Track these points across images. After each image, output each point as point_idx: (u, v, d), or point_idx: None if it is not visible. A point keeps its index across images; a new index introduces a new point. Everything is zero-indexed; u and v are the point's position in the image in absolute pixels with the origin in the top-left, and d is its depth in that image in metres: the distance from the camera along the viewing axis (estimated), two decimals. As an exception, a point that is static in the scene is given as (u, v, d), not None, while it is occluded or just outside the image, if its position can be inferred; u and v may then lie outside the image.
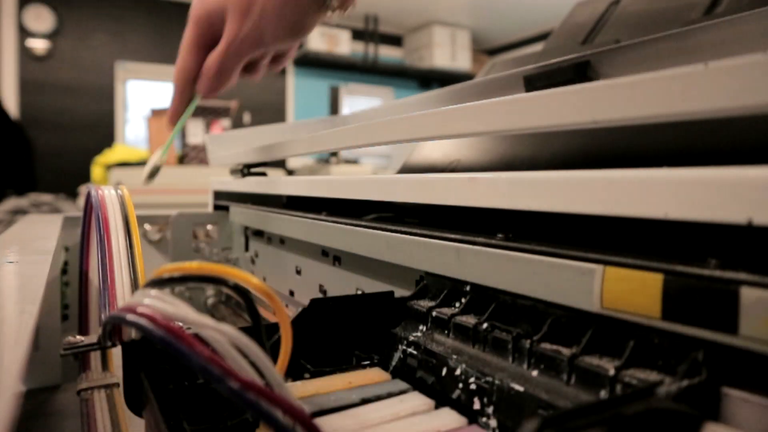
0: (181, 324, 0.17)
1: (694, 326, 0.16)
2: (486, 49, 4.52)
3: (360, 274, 0.38)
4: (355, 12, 0.46)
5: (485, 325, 0.24)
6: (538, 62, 0.31)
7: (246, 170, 0.59)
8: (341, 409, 0.23)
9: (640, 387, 0.17)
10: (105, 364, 0.31)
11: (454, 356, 0.25)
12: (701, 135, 0.27)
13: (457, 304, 0.27)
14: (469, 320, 0.25)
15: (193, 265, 0.20)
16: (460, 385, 0.24)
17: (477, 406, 0.23)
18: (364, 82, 4.19)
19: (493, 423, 0.22)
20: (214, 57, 0.42)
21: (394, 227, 0.32)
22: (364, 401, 0.23)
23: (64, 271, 0.50)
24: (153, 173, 0.50)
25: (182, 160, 2.23)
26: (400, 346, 0.28)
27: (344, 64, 3.88)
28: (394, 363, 0.28)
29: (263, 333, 0.20)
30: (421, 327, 0.28)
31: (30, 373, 0.45)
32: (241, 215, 0.59)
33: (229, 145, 0.65)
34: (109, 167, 2.26)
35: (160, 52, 3.51)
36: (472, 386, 0.23)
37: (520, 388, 0.21)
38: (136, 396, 0.25)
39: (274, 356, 0.19)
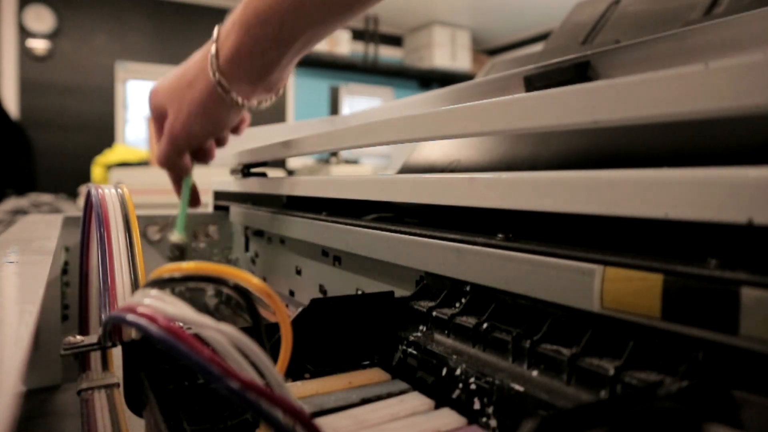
0: (181, 324, 0.17)
1: (694, 326, 0.16)
2: (486, 49, 4.52)
3: (360, 274, 0.38)
4: None
5: (485, 326, 0.24)
6: (538, 62, 0.31)
7: (246, 170, 0.59)
8: (341, 409, 0.23)
9: (640, 387, 0.17)
10: (105, 364, 0.31)
11: (454, 356, 0.25)
12: (701, 135, 0.27)
13: (458, 304, 0.27)
14: (469, 320, 0.25)
15: (193, 265, 0.20)
16: (460, 385, 0.24)
17: (477, 406, 0.23)
18: (364, 82, 4.19)
19: (493, 423, 0.22)
20: (158, 152, 0.50)
21: (394, 227, 0.32)
22: (364, 401, 0.23)
23: (64, 271, 0.50)
24: (180, 253, 0.52)
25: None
26: (400, 346, 0.28)
27: (344, 64, 3.88)
28: (394, 363, 0.28)
29: (263, 333, 0.20)
30: (421, 327, 0.28)
31: (30, 373, 0.45)
32: (241, 215, 0.59)
33: (229, 145, 0.65)
34: (109, 167, 2.27)
35: (160, 52, 3.51)
36: (472, 386, 0.23)
37: (520, 389, 0.21)
38: (137, 396, 0.25)
39: (274, 356, 0.19)
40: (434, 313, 0.27)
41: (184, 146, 0.49)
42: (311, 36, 0.43)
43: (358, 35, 3.96)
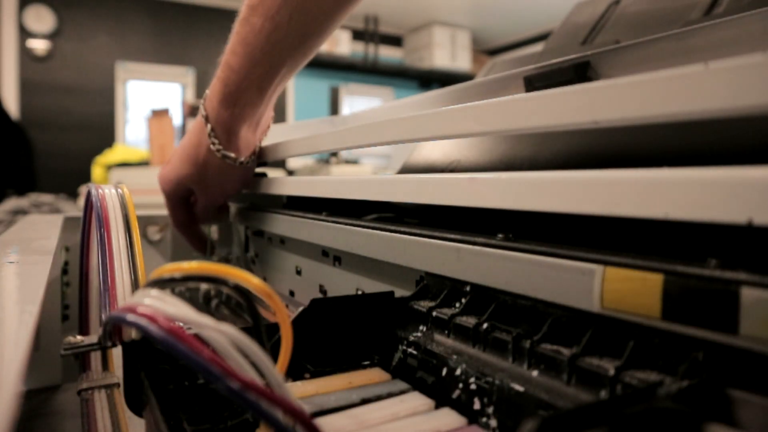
0: (181, 324, 0.17)
1: (694, 326, 0.16)
2: (486, 49, 4.52)
3: (360, 274, 0.38)
4: (355, 12, 0.50)
5: (485, 326, 0.24)
6: (538, 62, 0.31)
7: (246, 170, 0.59)
8: (341, 409, 0.23)
9: (640, 387, 0.17)
10: (105, 364, 0.31)
11: (454, 356, 0.25)
12: (701, 135, 0.27)
13: (458, 305, 0.27)
14: (469, 320, 0.25)
15: (194, 265, 0.20)
16: (460, 385, 0.24)
17: (477, 406, 0.23)
18: (364, 83, 4.20)
19: (493, 423, 0.22)
20: (199, 212, 0.57)
21: (394, 227, 0.32)
22: (365, 401, 0.23)
23: (64, 271, 0.50)
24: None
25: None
26: (400, 346, 0.28)
27: (344, 64, 3.88)
28: (394, 363, 0.28)
29: (263, 333, 0.20)
30: (421, 327, 0.28)
31: (30, 373, 0.45)
32: (241, 215, 0.59)
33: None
34: (109, 167, 2.27)
35: (160, 53, 3.51)
36: (472, 386, 0.23)
37: (521, 389, 0.21)
38: (137, 396, 0.25)
39: (274, 356, 0.19)
40: (434, 313, 0.27)
41: (218, 205, 0.57)
42: (286, 75, 0.48)
43: (358, 35, 3.96)
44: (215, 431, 0.22)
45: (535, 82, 0.31)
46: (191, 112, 2.29)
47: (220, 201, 0.55)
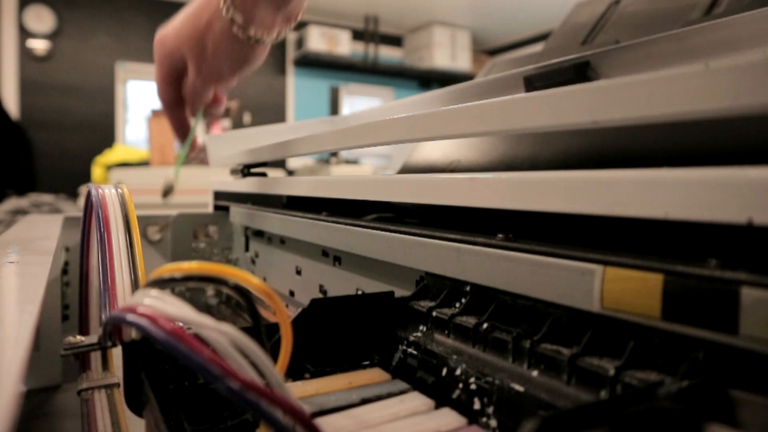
0: (181, 324, 0.17)
1: (695, 326, 0.16)
2: (486, 50, 4.52)
3: (360, 274, 0.38)
4: (355, 12, 0.49)
5: (485, 326, 0.24)
6: (538, 62, 0.31)
7: (246, 170, 0.59)
8: (341, 409, 0.23)
9: (641, 387, 0.17)
10: (105, 364, 0.31)
11: (455, 356, 0.25)
12: (701, 135, 0.27)
13: (458, 305, 0.27)
14: (470, 320, 0.25)
15: (194, 265, 0.20)
16: (460, 385, 0.24)
17: (477, 406, 0.23)
18: (364, 83, 4.19)
19: (493, 423, 0.22)
20: (187, 90, 0.50)
21: (394, 227, 0.32)
22: (364, 401, 0.23)
23: (64, 272, 0.50)
24: (167, 192, 0.53)
25: (182, 160, 2.23)
26: (400, 346, 0.28)
27: (344, 64, 3.88)
28: (394, 363, 0.28)
29: (263, 333, 0.20)
30: (421, 327, 0.28)
31: (30, 373, 0.45)
32: (241, 215, 0.59)
33: (229, 145, 0.65)
34: (109, 167, 2.27)
35: (161, 53, 3.50)
36: (473, 386, 0.23)
37: (521, 389, 0.21)
38: (137, 396, 0.25)
39: (274, 356, 0.19)
40: (434, 313, 0.27)
41: (211, 84, 0.49)
42: None
43: (358, 35, 3.96)
44: (215, 431, 0.22)
45: (535, 82, 0.31)
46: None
47: (213, 81, 0.49)
